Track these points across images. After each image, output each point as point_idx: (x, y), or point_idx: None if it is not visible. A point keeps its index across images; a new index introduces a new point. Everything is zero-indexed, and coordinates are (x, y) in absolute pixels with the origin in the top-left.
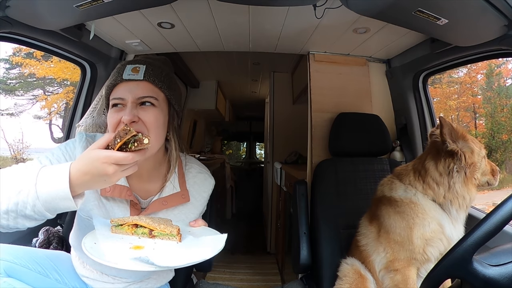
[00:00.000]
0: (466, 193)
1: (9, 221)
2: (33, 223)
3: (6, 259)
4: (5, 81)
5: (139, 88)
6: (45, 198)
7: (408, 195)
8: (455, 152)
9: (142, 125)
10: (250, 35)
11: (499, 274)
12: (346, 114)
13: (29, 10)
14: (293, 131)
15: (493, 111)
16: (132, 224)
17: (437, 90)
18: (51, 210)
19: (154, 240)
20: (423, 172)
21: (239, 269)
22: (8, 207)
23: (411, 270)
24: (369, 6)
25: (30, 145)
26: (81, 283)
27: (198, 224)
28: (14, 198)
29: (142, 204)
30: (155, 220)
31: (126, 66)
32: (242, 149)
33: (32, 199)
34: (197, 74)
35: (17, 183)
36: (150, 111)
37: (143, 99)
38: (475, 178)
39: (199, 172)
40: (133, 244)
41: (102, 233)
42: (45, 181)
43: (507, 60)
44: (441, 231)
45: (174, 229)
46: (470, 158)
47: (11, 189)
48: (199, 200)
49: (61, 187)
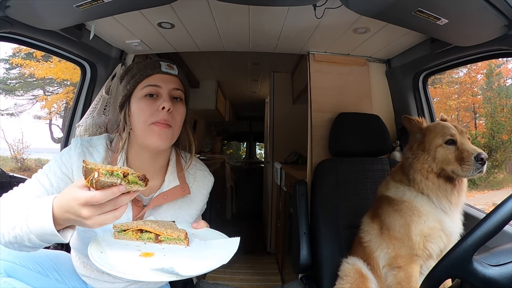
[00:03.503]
0: (430, 183)
1: (17, 249)
2: (37, 249)
3: (6, 259)
4: (5, 81)
5: (173, 81)
6: (36, 233)
7: (399, 194)
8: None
9: (172, 117)
10: (250, 35)
11: (499, 274)
12: (346, 114)
13: (29, 10)
14: (293, 131)
15: (493, 111)
16: (136, 229)
17: (437, 90)
18: (47, 242)
19: (162, 245)
20: (405, 166)
21: (239, 269)
22: (9, 240)
23: (413, 267)
24: (369, 6)
25: (30, 145)
26: (81, 283)
27: (200, 225)
28: (12, 233)
29: (144, 201)
30: (160, 224)
31: (159, 62)
32: (242, 149)
33: (26, 234)
34: (197, 74)
35: (12, 218)
36: (180, 104)
37: (176, 92)
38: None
39: (198, 169)
40: (141, 251)
41: (105, 240)
42: (33, 217)
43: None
44: (439, 228)
45: (181, 234)
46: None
47: (7, 224)
48: (199, 197)
49: (47, 225)
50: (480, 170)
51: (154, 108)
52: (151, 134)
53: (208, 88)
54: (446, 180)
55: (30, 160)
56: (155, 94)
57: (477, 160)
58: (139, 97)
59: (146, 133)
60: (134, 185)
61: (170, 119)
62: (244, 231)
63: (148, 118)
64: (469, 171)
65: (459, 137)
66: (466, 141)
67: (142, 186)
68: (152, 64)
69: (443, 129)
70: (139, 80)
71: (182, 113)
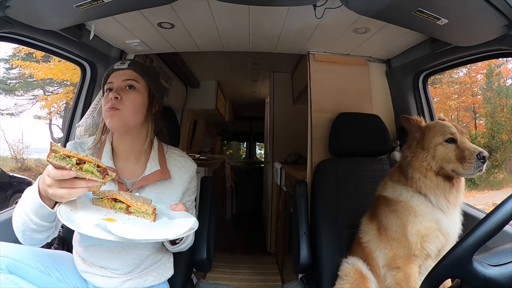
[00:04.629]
0: (429, 181)
1: (31, 238)
2: (45, 234)
3: (8, 256)
4: (5, 81)
5: (124, 74)
6: (31, 209)
7: (396, 194)
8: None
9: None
10: (250, 35)
11: (499, 274)
12: (346, 114)
13: (29, 10)
14: (293, 131)
15: (493, 111)
16: (111, 198)
17: (437, 90)
18: (44, 218)
19: (129, 216)
20: (403, 165)
21: (239, 269)
22: (22, 228)
23: (412, 267)
24: (369, 6)
25: (30, 145)
26: (82, 282)
27: (178, 208)
28: (20, 219)
29: (128, 185)
30: (134, 197)
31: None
32: (242, 149)
33: (26, 215)
34: (197, 74)
35: (17, 209)
36: (131, 92)
37: (126, 82)
38: (426, 164)
39: (179, 156)
40: (106, 216)
41: (81, 202)
42: (27, 196)
43: (507, 60)
44: (436, 227)
45: (150, 208)
46: (417, 146)
47: (16, 214)
48: (179, 181)
49: (35, 197)
50: (481, 168)
51: (108, 99)
52: (106, 117)
53: (208, 88)
54: (444, 179)
55: (30, 160)
56: (111, 88)
57: (479, 158)
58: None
59: (105, 118)
60: (87, 173)
61: (117, 104)
62: (244, 231)
63: (105, 107)
64: (470, 169)
65: (459, 136)
66: (466, 140)
67: (98, 177)
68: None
69: (443, 127)
70: (104, 82)
71: (133, 98)
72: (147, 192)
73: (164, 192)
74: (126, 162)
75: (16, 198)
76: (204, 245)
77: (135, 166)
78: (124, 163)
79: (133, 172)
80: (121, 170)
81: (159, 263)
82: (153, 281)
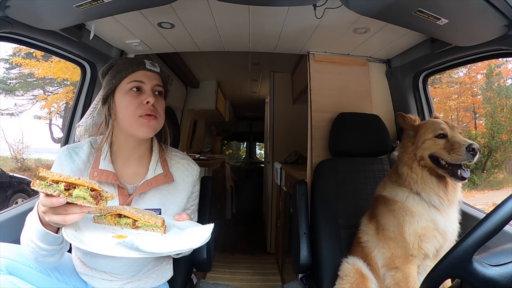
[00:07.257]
0: (414, 174)
1: (46, 262)
2: (58, 255)
3: (8, 257)
4: (5, 81)
5: (155, 78)
6: (36, 236)
7: (393, 194)
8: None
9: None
10: (250, 35)
11: (499, 274)
12: (346, 114)
13: (29, 10)
14: (293, 131)
15: (493, 111)
16: (115, 214)
17: (437, 90)
18: (52, 243)
19: (138, 231)
20: (397, 163)
21: (239, 269)
22: (34, 256)
23: (410, 267)
24: (369, 6)
25: (30, 145)
26: (81, 282)
27: (182, 218)
28: (29, 248)
29: (129, 190)
30: (139, 211)
31: (144, 59)
32: (242, 149)
33: (33, 242)
34: (197, 74)
35: (23, 237)
36: (161, 99)
37: (158, 88)
38: (412, 155)
39: (182, 159)
40: (115, 233)
41: (84, 222)
42: (31, 226)
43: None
44: (433, 227)
45: (158, 220)
46: (409, 142)
47: (24, 243)
48: (183, 185)
49: (37, 224)
50: (470, 160)
51: (139, 101)
52: (140, 125)
53: (208, 88)
54: (431, 173)
55: (30, 160)
56: (139, 87)
57: (468, 150)
58: (125, 90)
59: (135, 124)
60: (79, 199)
61: (155, 112)
62: (244, 231)
63: (136, 110)
64: (457, 160)
65: (449, 131)
66: (457, 135)
67: (91, 203)
68: (137, 61)
69: (433, 124)
70: (125, 75)
71: (163, 106)
72: (150, 198)
73: (167, 197)
74: (126, 165)
75: (16, 198)
76: (204, 245)
77: (136, 169)
78: (125, 166)
79: (134, 176)
80: (121, 174)
81: (159, 266)
82: (153, 283)
